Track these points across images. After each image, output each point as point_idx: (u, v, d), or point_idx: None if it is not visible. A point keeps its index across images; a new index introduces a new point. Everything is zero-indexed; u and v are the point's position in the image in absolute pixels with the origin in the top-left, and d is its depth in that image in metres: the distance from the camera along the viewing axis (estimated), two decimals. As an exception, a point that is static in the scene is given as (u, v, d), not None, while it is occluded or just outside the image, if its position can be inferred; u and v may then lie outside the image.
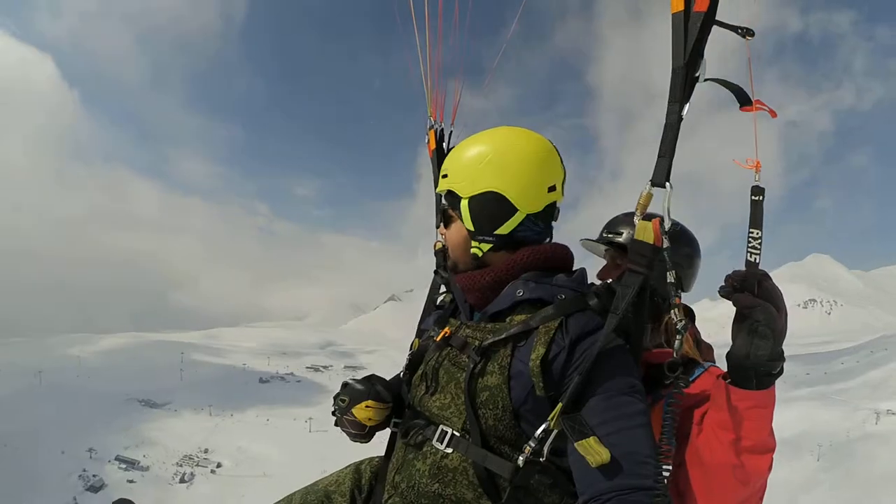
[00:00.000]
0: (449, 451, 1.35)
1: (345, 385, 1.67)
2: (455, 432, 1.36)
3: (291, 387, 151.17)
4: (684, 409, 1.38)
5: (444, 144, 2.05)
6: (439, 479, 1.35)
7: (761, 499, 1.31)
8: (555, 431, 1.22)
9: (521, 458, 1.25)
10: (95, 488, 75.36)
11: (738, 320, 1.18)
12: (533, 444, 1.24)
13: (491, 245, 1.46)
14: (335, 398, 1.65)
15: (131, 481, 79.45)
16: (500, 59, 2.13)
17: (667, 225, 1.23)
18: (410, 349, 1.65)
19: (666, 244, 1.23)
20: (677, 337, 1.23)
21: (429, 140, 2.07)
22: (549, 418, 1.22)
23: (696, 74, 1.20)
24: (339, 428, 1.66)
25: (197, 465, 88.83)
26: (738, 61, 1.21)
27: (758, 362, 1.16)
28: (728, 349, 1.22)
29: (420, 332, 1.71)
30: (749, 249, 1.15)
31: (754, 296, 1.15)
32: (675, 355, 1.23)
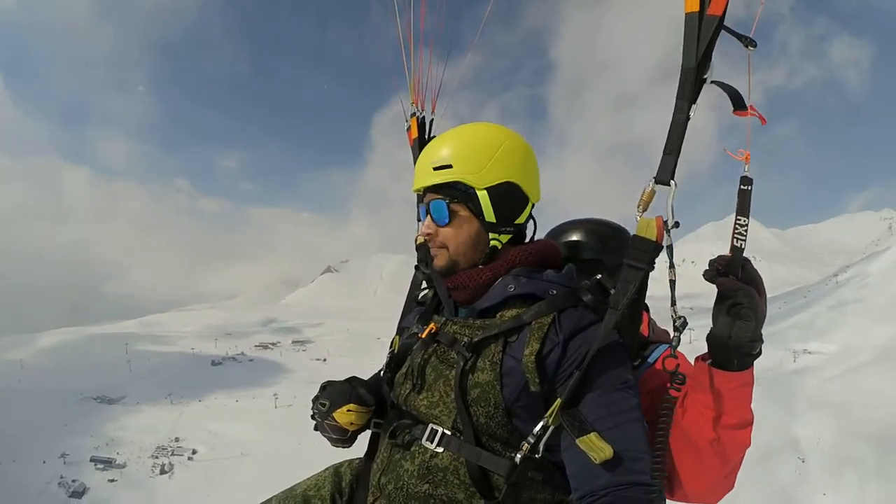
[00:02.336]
0: (440, 450, 1.31)
1: (323, 388, 1.63)
2: (446, 431, 1.32)
3: (245, 366, 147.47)
4: (649, 391, 1.42)
5: (425, 133, 2.00)
6: (429, 480, 1.30)
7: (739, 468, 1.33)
8: (552, 427, 1.20)
9: (518, 455, 1.22)
10: (79, 493, 72.35)
11: (720, 303, 1.17)
12: (531, 441, 1.21)
13: (510, 235, 1.45)
14: (314, 401, 1.60)
15: (112, 480, 76.94)
16: (477, 36, 2.05)
17: (670, 223, 1.21)
18: (391, 346, 1.61)
19: (668, 242, 1.22)
20: (675, 335, 1.23)
21: (410, 127, 2.01)
22: (548, 415, 1.20)
23: (705, 76, 1.21)
24: (318, 432, 1.62)
25: (172, 454, 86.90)
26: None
27: (739, 343, 1.15)
28: (709, 331, 1.20)
29: (401, 330, 1.66)
30: (735, 235, 1.15)
31: (738, 280, 1.15)
32: (672, 353, 1.23)
